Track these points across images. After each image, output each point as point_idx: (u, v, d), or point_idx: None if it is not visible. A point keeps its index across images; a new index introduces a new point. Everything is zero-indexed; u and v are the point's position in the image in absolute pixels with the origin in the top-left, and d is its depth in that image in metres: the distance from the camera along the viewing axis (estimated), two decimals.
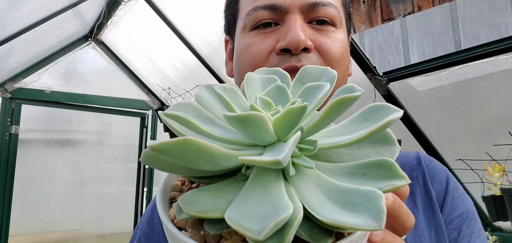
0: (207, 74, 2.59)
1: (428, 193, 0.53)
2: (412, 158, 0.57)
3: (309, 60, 0.48)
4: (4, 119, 2.80)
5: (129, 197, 3.35)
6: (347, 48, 0.52)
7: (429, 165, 0.56)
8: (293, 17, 0.49)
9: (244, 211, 0.20)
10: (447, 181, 0.55)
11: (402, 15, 2.96)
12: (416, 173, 0.55)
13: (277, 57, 0.49)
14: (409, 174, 0.55)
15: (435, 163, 0.57)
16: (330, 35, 0.50)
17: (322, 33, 0.50)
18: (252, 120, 0.21)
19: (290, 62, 0.48)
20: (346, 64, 0.52)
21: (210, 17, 2.17)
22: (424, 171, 0.55)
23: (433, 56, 1.48)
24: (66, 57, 3.03)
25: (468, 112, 1.66)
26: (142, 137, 3.48)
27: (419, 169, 0.55)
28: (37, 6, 2.03)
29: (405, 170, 0.55)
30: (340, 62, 0.50)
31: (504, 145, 1.45)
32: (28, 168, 2.90)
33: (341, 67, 0.50)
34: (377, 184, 0.21)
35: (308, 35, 0.49)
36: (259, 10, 0.51)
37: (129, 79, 3.36)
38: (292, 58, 0.48)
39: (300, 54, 0.48)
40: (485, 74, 1.48)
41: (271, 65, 0.49)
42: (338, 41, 0.50)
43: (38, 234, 2.93)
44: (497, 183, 1.41)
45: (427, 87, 1.66)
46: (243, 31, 0.53)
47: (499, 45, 1.33)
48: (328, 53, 0.49)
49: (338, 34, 0.51)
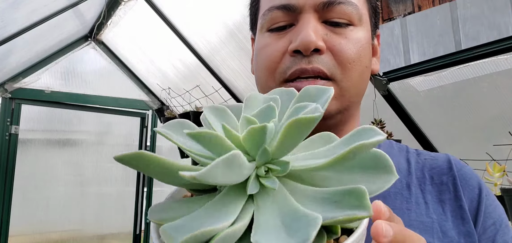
0: (207, 74, 2.59)
1: (458, 200, 0.49)
2: (441, 161, 0.53)
3: (320, 62, 0.47)
4: (4, 120, 2.80)
5: (129, 197, 3.35)
6: (365, 47, 0.50)
7: (461, 170, 0.52)
8: (306, 17, 0.48)
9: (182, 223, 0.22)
10: (479, 187, 0.51)
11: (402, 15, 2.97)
12: (446, 178, 0.51)
13: (289, 59, 0.48)
14: (438, 178, 0.51)
15: (467, 168, 0.54)
16: (347, 34, 0.48)
17: (337, 33, 0.48)
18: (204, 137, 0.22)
19: (300, 64, 0.47)
20: (365, 64, 0.49)
21: (210, 17, 2.17)
22: (455, 176, 0.51)
23: (433, 56, 1.48)
24: (66, 57, 3.03)
25: (468, 112, 1.66)
26: (142, 137, 3.48)
27: (449, 174, 0.51)
28: (37, 6, 2.03)
29: (434, 173, 0.52)
30: (356, 63, 0.48)
31: (504, 145, 1.44)
32: (28, 168, 2.90)
33: (357, 68, 0.48)
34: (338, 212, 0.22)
35: (322, 35, 0.48)
36: (273, 10, 0.50)
37: (129, 79, 3.36)
38: (303, 60, 0.47)
39: (311, 56, 0.47)
40: (485, 74, 1.48)
41: (285, 67, 0.49)
42: (355, 41, 0.48)
43: (38, 234, 2.93)
44: (497, 183, 1.41)
45: (427, 87, 1.66)
46: (261, 31, 0.53)
47: (499, 45, 1.33)
48: (342, 54, 0.48)
49: (356, 33, 0.49)
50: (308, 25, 0.47)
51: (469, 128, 1.71)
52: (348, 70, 0.48)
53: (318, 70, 0.47)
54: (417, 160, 0.54)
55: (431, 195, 0.50)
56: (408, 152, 0.56)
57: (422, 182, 0.51)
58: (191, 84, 2.79)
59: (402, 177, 0.51)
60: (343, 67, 0.47)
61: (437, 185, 0.51)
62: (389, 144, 0.58)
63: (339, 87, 0.48)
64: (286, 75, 0.48)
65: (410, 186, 0.50)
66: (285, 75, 0.49)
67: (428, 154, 0.55)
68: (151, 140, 3.52)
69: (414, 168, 0.52)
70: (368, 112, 1.69)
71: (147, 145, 3.51)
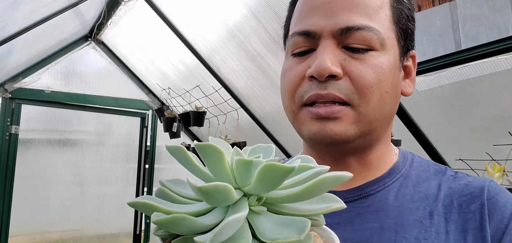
0: (207, 74, 2.59)
1: (483, 230, 0.46)
2: (475, 187, 0.50)
3: (336, 87, 0.47)
4: (4, 120, 2.80)
5: (129, 197, 3.35)
6: (386, 72, 0.49)
7: (494, 197, 0.49)
8: (324, 43, 0.49)
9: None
10: (510, 217, 0.46)
11: None
12: (474, 206, 0.48)
13: (307, 84, 0.49)
14: (466, 206, 0.49)
15: (502, 195, 0.49)
16: (366, 60, 0.48)
17: (356, 58, 0.48)
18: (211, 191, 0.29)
19: (316, 90, 0.48)
20: (385, 89, 0.49)
21: (210, 17, 2.17)
22: (483, 204, 0.48)
23: (433, 56, 1.48)
24: (66, 57, 3.03)
25: (468, 112, 1.66)
26: (142, 137, 3.48)
27: (479, 202, 0.48)
28: (37, 6, 2.03)
29: (463, 201, 0.49)
30: (374, 88, 0.48)
31: (504, 145, 1.45)
32: (28, 168, 2.90)
33: (376, 93, 0.48)
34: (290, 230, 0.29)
35: (340, 60, 0.48)
36: (295, 36, 0.51)
37: (129, 79, 3.37)
38: (319, 85, 0.48)
39: (327, 82, 0.48)
40: (485, 74, 1.48)
41: (303, 91, 0.50)
42: (374, 66, 0.48)
43: (38, 234, 2.93)
44: None
45: (427, 87, 1.66)
46: (287, 54, 0.55)
47: (499, 45, 1.33)
48: (359, 80, 0.47)
49: (376, 58, 0.48)
50: (324, 51, 0.48)
51: (469, 128, 1.71)
52: (365, 96, 0.48)
53: (334, 96, 0.47)
54: (451, 185, 0.52)
55: (456, 224, 0.48)
56: (443, 176, 0.54)
57: (448, 210, 0.49)
58: (191, 84, 2.79)
59: (426, 204, 0.50)
60: (361, 93, 0.47)
61: (464, 214, 0.48)
62: (425, 165, 0.56)
63: (357, 112, 0.48)
64: (304, 99, 0.50)
65: (433, 214, 0.49)
66: (303, 100, 0.50)
67: (465, 178, 0.53)
68: (151, 140, 3.52)
69: (443, 194, 0.51)
70: None
71: (147, 145, 3.51)
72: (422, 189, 0.51)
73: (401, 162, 0.55)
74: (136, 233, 3.35)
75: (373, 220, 0.49)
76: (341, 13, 0.49)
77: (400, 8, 0.52)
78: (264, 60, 2.18)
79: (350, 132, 0.48)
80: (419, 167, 0.55)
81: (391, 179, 0.53)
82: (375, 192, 0.51)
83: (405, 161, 0.56)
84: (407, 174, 0.54)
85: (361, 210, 0.50)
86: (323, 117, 0.48)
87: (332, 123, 0.48)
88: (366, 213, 0.50)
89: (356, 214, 0.50)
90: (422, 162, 0.57)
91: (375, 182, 0.52)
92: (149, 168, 3.48)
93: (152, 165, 3.49)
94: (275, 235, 0.28)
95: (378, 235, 0.47)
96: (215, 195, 0.28)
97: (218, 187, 0.27)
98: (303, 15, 0.52)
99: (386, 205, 0.50)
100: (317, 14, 0.50)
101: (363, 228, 0.48)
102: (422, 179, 0.53)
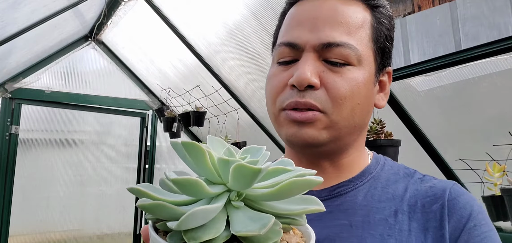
0: (206, 74, 2.59)
1: (442, 228, 0.51)
2: (438, 189, 0.55)
3: (313, 96, 0.52)
4: (4, 120, 2.80)
5: (129, 197, 3.35)
6: (361, 86, 0.53)
7: (455, 198, 0.53)
8: (306, 56, 0.53)
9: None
10: (468, 217, 0.51)
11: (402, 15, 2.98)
12: (436, 207, 0.53)
13: (289, 91, 0.54)
14: (429, 207, 0.53)
15: (463, 197, 0.54)
16: (343, 73, 0.53)
17: (334, 71, 0.53)
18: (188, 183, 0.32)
19: (295, 97, 0.53)
20: (357, 101, 0.53)
21: (210, 17, 2.17)
22: (444, 205, 0.53)
23: (433, 56, 1.47)
24: (66, 57, 3.03)
25: (468, 112, 1.66)
26: (142, 137, 3.48)
27: (440, 202, 0.53)
28: (37, 6, 2.03)
29: (427, 201, 0.54)
30: (347, 100, 0.52)
31: (504, 145, 1.44)
32: (28, 168, 2.90)
33: (348, 104, 0.53)
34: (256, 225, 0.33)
35: (319, 72, 0.53)
36: (282, 46, 0.56)
37: (129, 79, 3.37)
38: (298, 93, 0.53)
39: (305, 91, 0.52)
40: (485, 74, 1.48)
41: (284, 97, 0.55)
42: (349, 80, 0.53)
43: (38, 234, 2.93)
44: (497, 183, 1.41)
45: (427, 87, 1.66)
46: (273, 61, 0.59)
47: (499, 45, 1.33)
48: (334, 91, 0.52)
49: (352, 73, 0.53)
50: (305, 63, 0.53)
51: (469, 128, 1.71)
52: (339, 106, 0.52)
53: (310, 104, 0.52)
54: (417, 187, 0.57)
55: (418, 223, 0.52)
56: (411, 178, 0.59)
57: (412, 210, 0.54)
58: (191, 84, 2.79)
59: (393, 204, 0.54)
60: (335, 103, 0.52)
61: (426, 213, 0.53)
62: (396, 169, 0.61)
63: (329, 120, 0.53)
64: (284, 104, 0.54)
65: (398, 213, 0.53)
66: (283, 105, 0.55)
67: (431, 181, 0.57)
68: (151, 140, 3.52)
69: (409, 195, 0.55)
70: None
71: (147, 144, 3.51)
72: (390, 191, 0.56)
73: (373, 165, 0.60)
74: (136, 233, 3.35)
75: (343, 218, 0.54)
76: (324, 29, 0.53)
77: (380, 28, 0.57)
78: (264, 60, 2.18)
79: (321, 136, 0.53)
80: (389, 170, 0.60)
81: (361, 180, 0.58)
82: (346, 192, 0.56)
83: (377, 165, 0.61)
84: (377, 177, 0.59)
85: (332, 208, 0.55)
86: (299, 121, 0.53)
87: (307, 127, 0.52)
88: (337, 211, 0.55)
89: (328, 212, 0.54)
90: (393, 166, 0.62)
91: (347, 183, 0.57)
92: (149, 168, 3.48)
93: (152, 165, 3.49)
94: (240, 227, 0.31)
95: (347, 231, 0.52)
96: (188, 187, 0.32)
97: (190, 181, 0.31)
98: (290, 27, 0.57)
99: (355, 204, 0.55)
100: (302, 28, 0.55)
101: (334, 224, 0.53)
102: (391, 181, 0.58)
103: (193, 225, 0.30)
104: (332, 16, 0.54)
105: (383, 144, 1.49)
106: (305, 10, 0.56)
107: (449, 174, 1.88)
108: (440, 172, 1.89)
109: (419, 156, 1.85)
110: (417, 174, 0.60)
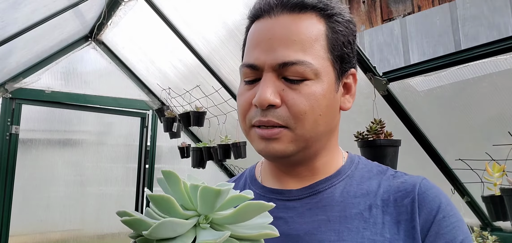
0: (206, 74, 2.59)
1: (413, 221, 0.55)
2: (409, 184, 0.59)
3: (274, 115, 0.55)
4: (4, 119, 2.80)
5: (129, 197, 3.35)
6: (319, 98, 0.56)
7: (424, 192, 0.57)
8: (266, 76, 0.56)
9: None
10: (437, 210, 0.55)
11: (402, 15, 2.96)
12: (407, 201, 0.57)
13: (253, 110, 0.58)
14: (400, 201, 0.57)
15: (432, 191, 0.58)
16: (301, 90, 0.55)
17: (292, 88, 0.56)
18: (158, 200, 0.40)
19: (259, 117, 0.56)
20: (318, 113, 0.56)
21: (210, 17, 2.17)
22: (414, 198, 0.56)
23: (433, 56, 1.48)
24: (66, 57, 3.03)
25: (468, 113, 1.66)
26: (142, 137, 3.48)
27: (410, 196, 0.57)
28: (37, 6, 2.03)
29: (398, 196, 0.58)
30: (307, 114, 0.55)
31: (504, 145, 1.45)
32: (28, 168, 2.90)
33: (309, 118, 0.55)
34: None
35: (278, 91, 0.56)
36: (244, 67, 0.59)
37: (129, 79, 3.37)
38: (261, 113, 0.56)
39: (267, 110, 0.56)
40: (485, 74, 1.48)
41: (251, 116, 0.58)
42: (307, 95, 0.55)
43: (38, 234, 2.93)
44: (496, 183, 1.41)
45: (427, 87, 1.66)
46: (241, 78, 0.62)
47: (499, 45, 1.33)
48: (294, 108, 0.55)
49: (310, 87, 0.55)
50: (265, 84, 0.56)
51: (468, 128, 1.71)
52: (300, 121, 0.55)
53: (273, 122, 0.55)
54: (390, 183, 0.60)
55: (391, 216, 0.56)
56: (384, 175, 0.62)
57: (385, 204, 0.57)
58: (191, 84, 2.79)
59: (367, 199, 0.58)
60: (296, 118, 0.55)
61: (398, 207, 0.57)
62: (370, 167, 0.64)
63: (294, 134, 0.56)
64: (252, 122, 0.58)
65: (372, 207, 0.57)
66: (251, 122, 0.58)
67: (402, 177, 0.61)
68: (152, 140, 3.52)
69: (382, 190, 0.59)
70: (368, 113, 1.69)
71: (147, 145, 3.51)
72: (364, 187, 0.60)
73: (347, 165, 0.64)
74: None
75: (321, 213, 0.58)
76: (279, 49, 0.55)
77: (335, 37, 0.58)
78: None
79: (289, 149, 0.56)
80: (363, 168, 0.64)
81: (337, 179, 0.61)
82: (323, 189, 0.60)
83: (351, 164, 0.64)
84: (352, 175, 0.62)
85: (311, 205, 0.59)
86: (266, 138, 0.56)
87: (274, 142, 0.56)
88: (316, 207, 0.59)
89: (307, 209, 0.59)
90: (367, 164, 0.65)
91: (324, 181, 0.61)
92: (149, 168, 3.48)
93: (152, 165, 3.49)
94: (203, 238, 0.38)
95: (325, 226, 0.56)
96: (161, 203, 0.38)
97: (163, 197, 0.37)
98: (250, 49, 0.59)
99: (332, 200, 0.59)
100: (259, 49, 0.57)
101: (313, 219, 0.57)
102: (365, 178, 0.62)
103: (163, 234, 0.36)
104: (286, 35, 0.56)
105: (382, 144, 1.49)
106: (261, 30, 0.58)
107: (448, 174, 1.88)
108: (440, 172, 1.89)
109: (418, 156, 1.85)
110: (390, 170, 0.63)
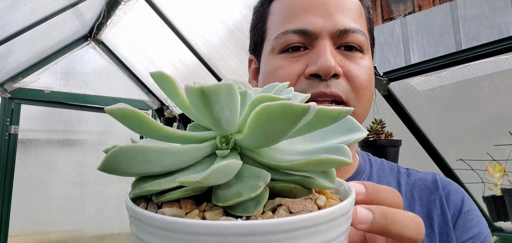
0: (206, 74, 2.59)
1: (445, 217, 0.53)
2: (429, 182, 0.57)
3: (338, 86, 0.48)
4: (4, 119, 2.80)
5: None
6: (373, 75, 0.52)
7: (446, 187, 0.56)
8: (323, 43, 0.49)
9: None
10: (462, 203, 0.54)
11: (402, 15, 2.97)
12: (433, 197, 0.55)
13: (306, 82, 0.49)
14: (426, 198, 0.55)
15: (452, 185, 0.57)
16: (358, 62, 0.51)
17: (351, 59, 0.50)
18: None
19: (319, 88, 0.48)
20: (372, 91, 0.52)
21: (209, 17, 2.17)
22: (441, 195, 0.54)
23: (434, 56, 1.47)
24: (66, 57, 3.02)
25: (469, 112, 1.66)
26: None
27: (436, 193, 0.55)
28: (37, 6, 2.03)
29: (423, 194, 0.55)
30: (367, 89, 0.50)
31: (505, 145, 1.44)
32: (28, 168, 2.90)
33: (367, 94, 0.51)
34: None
35: (338, 61, 0.49)
36: (289, 34, 0.51)
37: (129, 79, 3.36)
38: (321, 83, 0.48)
39: (330, 80, 0.48)
40: (486, 74, 1.47)
41: (301, 89, 0.49)
42: (365, 68, 0.51)
43: (38, 234, 2.93)
44: (497, 183, 1.41)
45: (427, 87, 1.66)
46: (272, 53, 0.54)
47: (500, 45, 1.33)
48: (356, 80, 0.49)
49: (365, 61, 0.51)
50: (326, 50, 0.48)
51: (469, 128, 1.71)
52: (361, 96, 0.50)
53: (336, 95, 0.48)
54: (407, 180, 0.57)
55: (421, 215, 0.52)
56: (399, 173, 0.59)
57: (411, 203, 0.54)
58: (191, 84, 2.78)
59: None
60: (357, 93, 0.50)
61: (425, 205, 0.54)
62: (380, 164, 0.61)
63: (354, 113, 0.50)
64: None
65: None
66: None
67: (417, 174, 0.59)
68: None
69: (404, 189, 0.55)
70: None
71: None
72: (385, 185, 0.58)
73: (362, 163, 0.59)
74: None
75: None
76: (336, 15, 0.50)
77: (370, 18, 0.56)
78: None
79: None
80: (376, 165, 0.60)
81: (358, 179, 0.56)
82: None
83: (365, 162, 0.60)
84: (370, 174, 0.58)
85: None
86: None
87: None
88: None
89: None
90: (377, 161, 0.61)
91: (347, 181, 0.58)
92: None
93: None
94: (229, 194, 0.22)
95: None
96: (221, 96, 0.22)
97: (222, 86, 0.21)
98: (294, 15, 0.52)
99: None
100: (313, 14, 0.50)
101: None
102: (382, 177, 0.58)
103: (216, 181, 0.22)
104: (340, 2, 0.51)
105: (383, 144, 1.48)
106: None
107: (449, 174, 1.88)
108: (441, 172, 1.88)
109: (419, 156, 1.85)
110: (401, 168, 0.60)
